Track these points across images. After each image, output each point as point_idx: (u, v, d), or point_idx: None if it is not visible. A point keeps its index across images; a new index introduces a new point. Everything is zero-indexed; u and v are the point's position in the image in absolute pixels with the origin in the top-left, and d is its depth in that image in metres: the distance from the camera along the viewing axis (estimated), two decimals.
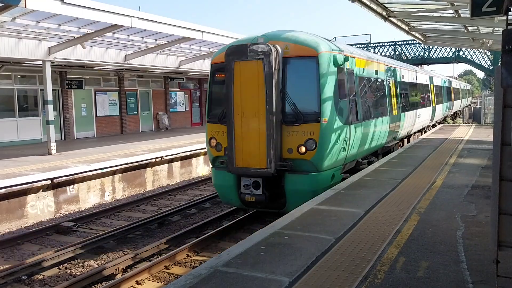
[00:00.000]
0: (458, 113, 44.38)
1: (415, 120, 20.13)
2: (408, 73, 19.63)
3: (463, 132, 23.35)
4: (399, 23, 16.93)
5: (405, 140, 19.98)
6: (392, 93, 16.06)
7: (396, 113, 16.31)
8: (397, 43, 45.30)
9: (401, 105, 17.12)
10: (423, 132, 24.30)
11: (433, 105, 25.48)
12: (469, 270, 5.10)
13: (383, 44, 46.58)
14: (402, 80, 18.02)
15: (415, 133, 22.16)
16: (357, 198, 8.58)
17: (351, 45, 31.49)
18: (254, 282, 4.86)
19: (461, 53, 41.11)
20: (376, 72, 14.44)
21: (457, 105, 41.10)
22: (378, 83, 14.78)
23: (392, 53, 45.16)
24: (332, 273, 5.07)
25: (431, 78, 25.93)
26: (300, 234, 6.46)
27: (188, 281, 4.89)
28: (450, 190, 9.19)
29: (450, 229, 6.62)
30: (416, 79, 21.59)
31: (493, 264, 4.61)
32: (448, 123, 33.03)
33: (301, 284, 4.80)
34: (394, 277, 4.95)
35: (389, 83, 15.95)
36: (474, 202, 8.18)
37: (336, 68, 10.36)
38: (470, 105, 52.74)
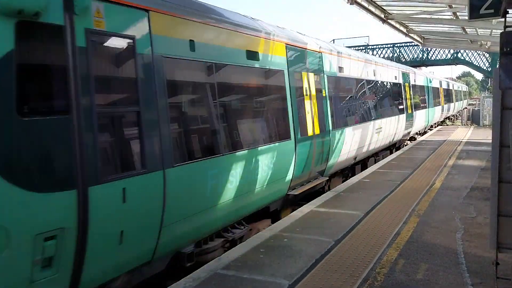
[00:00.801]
0: (451, 118, 40.65)
1: (369, 136, 13.19)
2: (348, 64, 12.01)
3: (462, 133, 23.36)
4: (397, 25, 16.95)
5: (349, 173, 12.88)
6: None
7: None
8: (396, 45, 45.34)
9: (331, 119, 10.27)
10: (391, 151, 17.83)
11: (409, 111, 18.85)
12: (468, 272, 5.10)
13: (382, 46, 46.63)
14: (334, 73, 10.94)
15: (375, 154, 15.33)
16: (356, 201, 8.57)
17: (350, 47, 31.05)
18: (254, 285, 4.85)
19: (459, 55, 41.13)
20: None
21: (448, 109, 35.97)
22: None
23: (391, 55, 45.20)
24: (332, 275, 5.06)
25: (405, 76, 19.16)
26: (299, 237, 6.45)
27: (187, 284, 4.88)
28: (449, 192, 9.19)
29: (450, 231, 6.62)
30: (374, 75, 14.42)
31: (493, 266, 4.62)
32: (447, 125, 33.02)
33: (301, 287, 4.79)
34: (394, 279, 4.94)
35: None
36: (473, 204, 8.18)
37: None
38: (466, 108, 48.07)
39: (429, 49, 41.31)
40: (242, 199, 6.69)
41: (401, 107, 17.67)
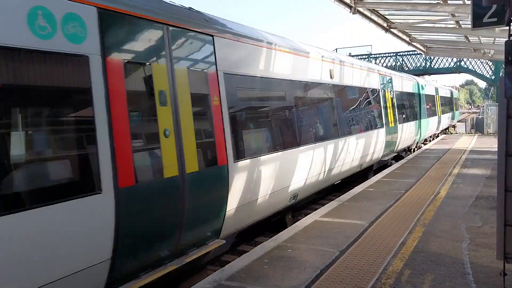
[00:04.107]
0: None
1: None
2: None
3: (466, 142, 23.27)
4: (400, 34, 17.00)
5: None
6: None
7: None
8: (399, 53, 45.41)
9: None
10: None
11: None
12: (475, 283, 5.03)
13: (384, 55, 46.72)
14: None
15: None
16: (361, 210, 8.52)
17: (353, 56, 31.10)
18: None
19: (462, 63, 41.14)
20: None
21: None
22: None
23: (394, 63, 45.27)
24: (336, 286, 5.00)
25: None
26: (304, 247, 6.40)
27: None
28: (454, 201, 9.12)
29: (455, 241, 6.55)
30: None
31: (500, 276, 4.56)
32: (451, 133, 32.91)
33: None
34: None
35: None
36: (479, 213, 8.11)
37: None
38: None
39: (432, 57, 41.35)
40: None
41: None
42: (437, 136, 29.57)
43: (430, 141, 26.17)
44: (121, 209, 4.45)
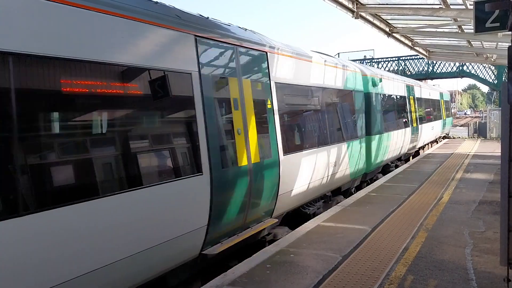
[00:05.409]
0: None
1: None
2: None
3: (469, 146, 23.22)
4: (402, 39, 16.99)
5: None
6: None
7: None
8: (401, 58, 45.40)
9: None
10: None
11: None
12: None
13: (387, 60, 46.71)
14: None
15: None
16: (363, 215, 8.50)
17: (354, 60, 30.44)
18: None
19: (465, 67, 41.10)
20: None
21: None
22: None
23: (396, 68, 45.27)
24: None
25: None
26: (306, 252, 6.38)
27: None
28: (457, 206, 9.09)
29: (459, 246, 6.52)
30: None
31: (504, 282, 4.54)
32: (454, 138, 32.81)
33: None
34: None
35: None
36: (482, 218, 8.08)
37: None
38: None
39: (434, 62, 41.34)
40: None
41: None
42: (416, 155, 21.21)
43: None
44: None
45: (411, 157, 20.03)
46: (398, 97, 16.86)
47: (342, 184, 11.19)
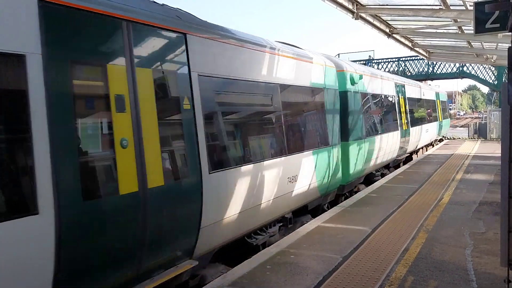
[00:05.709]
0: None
1: None
2: None
3: (469, 147, 23.21)
4: (402, 40, 16.99)
5: None
6: None
7: None
8: (401, 59, 45.42)
9: None
10: None
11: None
12: None
13: (387, 60, 46.74)
14: None
15: None
16: (364, 216, 8.50)
17: (354, 61, 30.16)
18: None
19: (465, 68, 41.14)
20: None
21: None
22: None
23: (396, 69, 45.28)
24: None
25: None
26: (306, 253, 6.38)
27: None
28: (457, 207, 9.09)
29: (459, 247, 6.52)
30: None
31: (504, 283, 4.53)
32: (454, 139, 32.76)
33: None
34: None
35: None
36: (483, 219, 8.08)
37: None
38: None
39: (434, 62, 41.37)
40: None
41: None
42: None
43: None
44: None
45: (401, 163, 17.97)
46: (385, 96, 15.07)
47: (308, 201, 9.07)
